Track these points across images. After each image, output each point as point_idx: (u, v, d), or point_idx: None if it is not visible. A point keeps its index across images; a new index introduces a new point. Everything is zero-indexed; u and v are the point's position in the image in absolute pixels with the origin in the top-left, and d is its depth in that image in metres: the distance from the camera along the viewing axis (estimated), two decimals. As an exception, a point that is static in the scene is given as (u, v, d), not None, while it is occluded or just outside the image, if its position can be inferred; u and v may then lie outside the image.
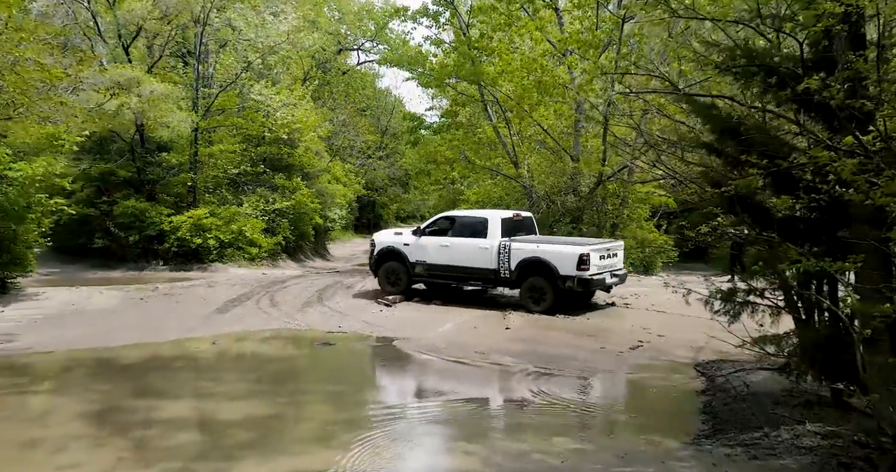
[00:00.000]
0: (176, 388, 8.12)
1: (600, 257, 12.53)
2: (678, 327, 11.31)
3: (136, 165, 22.11)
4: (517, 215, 14.50)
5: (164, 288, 15.47)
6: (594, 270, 12.25)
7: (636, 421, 7.19)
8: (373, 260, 14.87)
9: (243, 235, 21.72)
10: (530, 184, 20.51)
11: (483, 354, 9.54)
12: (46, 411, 7.22)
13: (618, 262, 13.42)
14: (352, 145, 43.53)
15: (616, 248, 13.51)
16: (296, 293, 15.20)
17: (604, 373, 8.92)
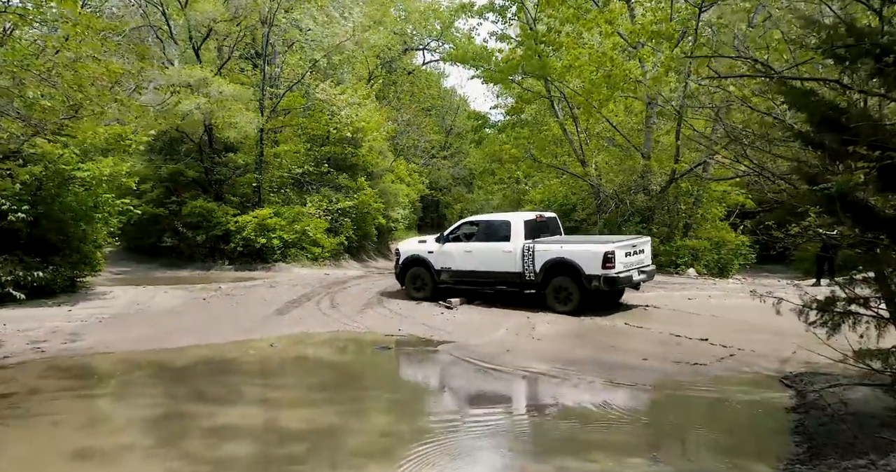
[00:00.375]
0: (230, 393, 7.87)
1: (626, 254, 12.21)
2: (749, 334, 10.43)
3: (204, 165, 22.43)
4: (540, 216, 14.21)
5: (226, 288, 15.48)
6: (620, 268, 11.94)
7: (717, 441, 6.49)
8: (398, 269, 14.76)
9: (306, 235, 21.73)
10: (598, 183, 19.73)
11: (545, 361, 8.96)
12: (98, 417, 7.07)
13: (645, 258, 13.01)
14: (416, 145, 43.42)
15: (642, 244, 13.06)
16: (356, 294, 14.95)
17: (676, 384, 8.19)
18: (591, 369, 8.59)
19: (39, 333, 10.60)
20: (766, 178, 8.37)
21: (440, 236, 14.38)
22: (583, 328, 11.13)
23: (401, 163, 32.10)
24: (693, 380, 8.25)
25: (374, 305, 13.71)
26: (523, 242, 12.92)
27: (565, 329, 11.10)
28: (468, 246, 13.78)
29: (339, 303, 13.87)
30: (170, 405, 7.27)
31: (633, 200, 18.79)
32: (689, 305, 13.26)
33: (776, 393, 7.87)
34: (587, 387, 7.93)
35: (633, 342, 10.06)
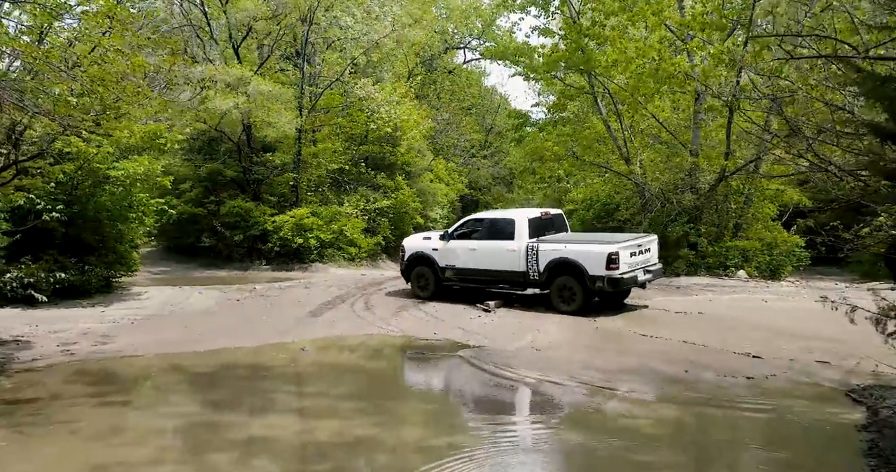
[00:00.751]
0: (257, 402, 7.53)
1: (631, 254, 11.98)
2: (807, 342, 9.67)
3: (242, 165, 22.36)
4: (546, 214, 13.97)
5: (261, 289, 15.26)
6: (624, 268, 11.72)
7: (782, 462, 5.88)
8: (403, 266, 14.51)
9: (343, 235, 21.47)
10: (643, 181, 18.97)
11: (588, 370, 8.40)
12: (120, 426, 6.78)
13: (651, 257, 12.75)
14: (455, 144, 43.04)
15: (648, 243, 12.79)
16: (392, 296, 14.56)
17: (730, 399, 7.52)
18: (636, 380, 8.01)
19: (71, 334, 10.47)
20: (833, 174, 7.66)
21: (445, 232, 14.19)
22: (624, 335, 10.51)
23: (440, 162, 31.70)
24: (748, 394, 7.60)
25: (410, 307, 13.30)
26: (527, 240, 12.72)
27: (606, 336, 10.50)
28: (473, 244, 13.52)
29: (374, 305, 13.51)
30: (194, 414, 6.96)
31: (681, 200, 17.97)
32: (741, 309, 12.51)
33: (843, 409, 7.19)
34: (636, 400, 7.36)
35: (681, 351, 9.42)
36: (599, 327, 11.01)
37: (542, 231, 13.23)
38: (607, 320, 11.44)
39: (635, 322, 11.26)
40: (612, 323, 11.28)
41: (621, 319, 11.67)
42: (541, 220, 13.48)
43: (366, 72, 25.53)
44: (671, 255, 17.87)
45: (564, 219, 14.52)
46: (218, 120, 19.70)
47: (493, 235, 13.41)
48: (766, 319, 11.43)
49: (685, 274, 17.57)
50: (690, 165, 18.43)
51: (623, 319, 11.65)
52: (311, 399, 7.65)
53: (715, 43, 15.87)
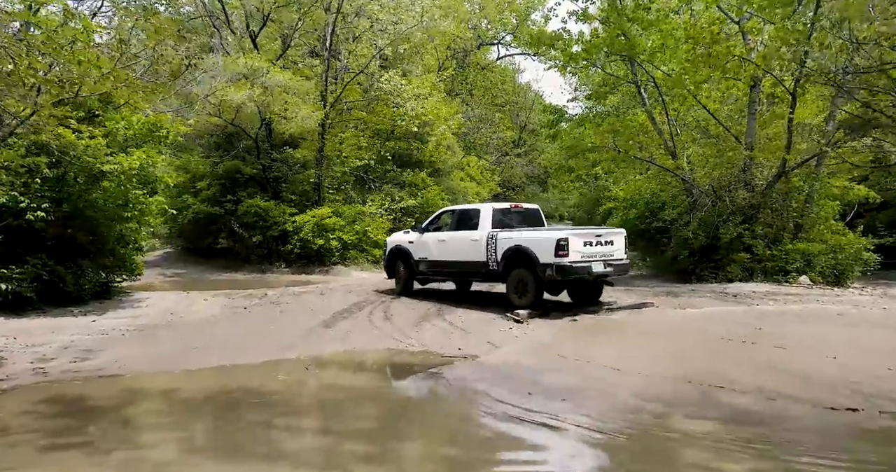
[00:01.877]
0: (240, 442, 6.19)
1: (585, 243, 11.62)
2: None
3: (261, 162, 21.24)
4: (515, 206, 13.78)
5: (273, 295, 14.03)
6: (575, 257, 11.38)
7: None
8: (385, 261, 14.95)
9: (367, 236, 20.20)
10: (691, 177, 17.30)
11: (651, 401, 6.88)
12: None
13: (614, 251, 12.14)
14: (488, 142, 41.80)
15: (611, 235, 12.29)
16: (414, 303, 13.23)
17: (841, 441, 5.90)
18: (710, 415, 6.47)
19: (50, 348, 9.32)
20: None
21: (419, 225, 14.42)
22: (686, 349, 8.96)
23: (471, 159, 30.29)
24: (862, 435, 5.98)
25: (433, 316, 11.94)
26: (489, 230, 12.50)
27: (663, 351, 8.96)
28: (443, 235, 13.56)
29: (394, 314, 12.18)
30: (161, 465, 5.64)
31: (734, 197, 16.28)
32: (817, 322, 10.82)
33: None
34: (721, 449, 5.79)
35: (759, 375, 7.82)
36: (654, 342, 9.49)
37: (510, 224, 13.00)
38: (665, 333, 9.91)
39: (699, 339, 9.70)
40: (668, 335, 9.74)
41: (667, 330, 10.11)
42: (509, 212, 13.36)
43: (393, 64, 24.24)
44: (723, 259, 16.22)
45: (540, 214, 13.96)
46: (233, 114, 18.59)
47: (461, 226, 13.26)
48: (854, 339, 9.75)
49: (739, 279, 15.89)
50: (745, 160, 16.75)
51: (688, 334, 10.09)
52: (302, 439, 6.29)
53: (776, 22, 14.19)
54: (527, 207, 13.95)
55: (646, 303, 12.59)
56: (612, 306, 12.46)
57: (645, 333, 10.23)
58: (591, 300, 12.70)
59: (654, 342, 9.60)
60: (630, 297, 13.77)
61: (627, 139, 17.35)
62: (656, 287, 15.92)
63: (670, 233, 17.44)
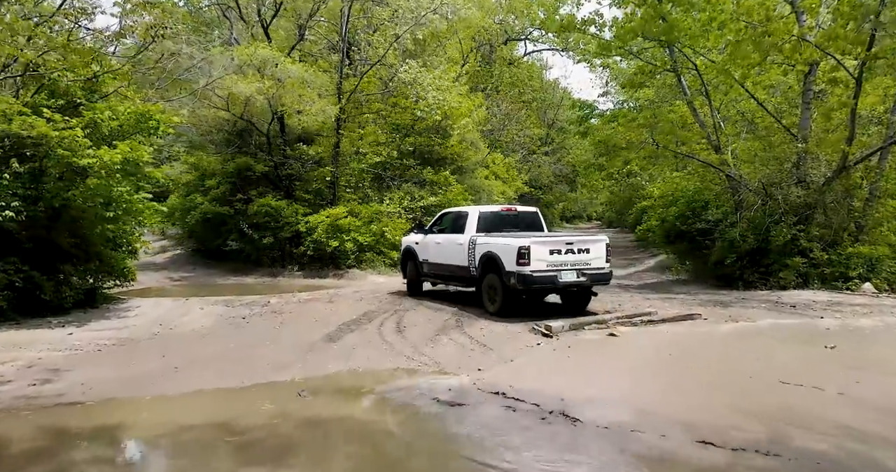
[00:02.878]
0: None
1: (551, 251, 11.02)
2: None
3: (273, 159, 20.09)
4: (508, 209, 13.50)
5: (276, 303, 12.80)
6: (539, 265, 10.86)
7: None
8: (400, 262, 15.04)
9: (385, 237, 18.92)
10: (737, 173, 15.71)
11: (700, 452, 5.46)
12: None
13: (591, 259, 11.37)
14: (514, 139, 40.45)
15: (586, 243, 11.49)
16: (431, 313, 11.91)
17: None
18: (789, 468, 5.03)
19: (11, 368, 8.17)
20: None
21: (424, 226, 14.29)
22: (744, 374, 7.49)
23: (496, 156, 28.88)
24: None
25: (451, 329, 10.62)
26: (472, 234, 12.15)
27: (720, 378, 7.51)
28: (439, 238, 13.29)
29: (408, 325, 10.87)
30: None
31: (787, 196, 14.68)
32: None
33: None
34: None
35: (839, 410, 6.33)
36: (708, 366, 8.04)
37: (500, 228, 12.55)
38: (705, 354, 8.47)
39: (759, 362, 8.22)
40: (732, 358, 8.28)
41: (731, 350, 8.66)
42: (499, 215, 12.98)
43: (414, 57, 22.94)
44: (774, 263, 14.64)
45: (539, 218, 13.36)
46: (242, 107, 17.45)
47: (455, 228, 12.97)
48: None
49: (793, 287, 14.31)
50: (798, 154, 15.13)
51: (748, 355, 8.63)
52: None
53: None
54: (522, 211, 13.62)
55: (692, 314, 11.12)
56: (653, 317, 11.02)
57: (695, 353, 8.78)
58: (578, 309, 11.86)
59: (707, 366, 8.15)
60: (672, 306, 12.30)
61: (666, 133, 15.75)
62: (699, 294, 14.40)
63: (713, 234, 15.87)
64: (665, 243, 17.76)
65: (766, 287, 14.50)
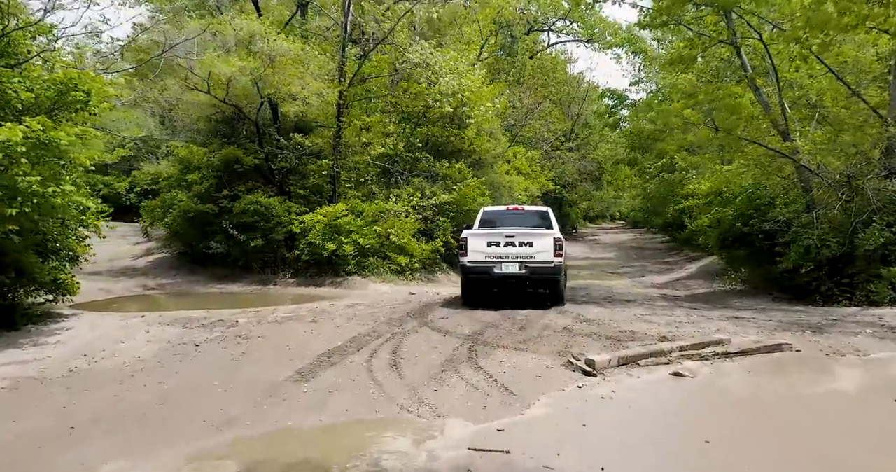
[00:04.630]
0: None
1: (489, 243, 11.83)
2: None
3: (265, 150, 17.66)
4: (515, 208, 14.18)
5: (245, 324, 10.29)
6: (476, 257, 11.83)
7: None
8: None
9: (390, 239, 16.43)
10: (814, 164, 12.97)
11: None
12: None
13: (535, 253, 11.77)
14: (537, 135, 37.92)
15: (528, 236, 11.86)
16: (439, 337, 9.39)
17: None
18: None
19: None
20: None
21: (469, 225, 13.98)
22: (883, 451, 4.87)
23: (518, 149, 26.26)
24: None
25: (462, 361, 8.11)
26: (471, 231, 12.49)
27: (848, 451, 4.90)
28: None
29: (406, 356, 8.37)
30: None
31: (882, 189, 11.94)
32: None
33: None
34: None
35: None
36: (829, 432, 5.41)
37: (503, 225, 12.78)
38: (815, 409, 5.83)
39: None
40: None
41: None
42: (504, 213, 13.66)
43: (425, 35, 20.44)
44: (862, 273, 11.92)
45: (549, 217, 13.38)
46: (225, 90, 15.05)
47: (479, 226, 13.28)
48: None
49: (888, 302, 11.56)
50: (889, 140, 12.39)
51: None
52: None
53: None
54: (530, 209, 14.08)
55: (780, 345, 8.45)
56: (727, 346, 8.40)
57: (801, 409, 6.16)
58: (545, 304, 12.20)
59: (828, 432, 5.52)
60: (745, 330, 9.65)
61: (730, 113, 12.86)
62: (770, 311, 11.73)
63: (781, 238, 13.17)
64: (720, 247, 15.03)
65: (852, 303, 11.78)
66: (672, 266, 24.67)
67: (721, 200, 15.30)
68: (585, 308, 12.23)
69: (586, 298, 14.31)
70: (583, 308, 12.23)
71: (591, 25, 52.12)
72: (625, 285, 18.51)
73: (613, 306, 12.65)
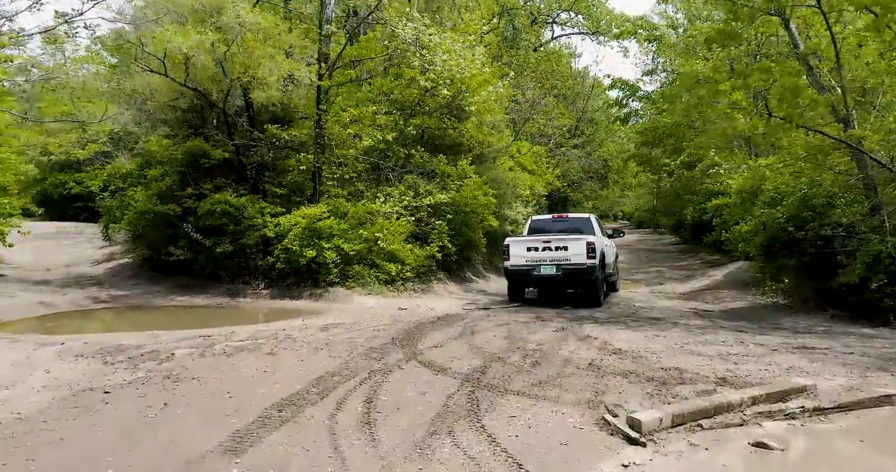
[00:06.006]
0: None
1: (528, 248, 13.09)
2: None
3: (235, 141, 15.48)
4: (559, 216, 15.38)
5: (181, 357, 8.09)
6: (518, 261, 13.17)
7: None
8: None
9: (378, 245, 14.27)
10: (885, 156, 10.78)
11: None
12: None
13: (570, 256, 12.91)
14: (541, 131, 35.84)
15: (565, 241, 13.01)
16: (428, 378, 7.21)
17: None
18: None
19: None
20: None
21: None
22: None
23: (523, 144, 24.07)
24: None
25: (459, 417, 5.97)
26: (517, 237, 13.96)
27: None
28: None
29: (385, 408, 6.21)
30: None
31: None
32: None
33: None
34: None
35: None
36: None
37: (547, 232, 14.09)
38: None
39: None
40: None
41: None
42: (550, 221, 15.04)
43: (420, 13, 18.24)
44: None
45: (591, 224, 14.52)
46: (184, 71, 12.87)
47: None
48: None
49: None
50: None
51: None
52: None
53: None
54: (573, 217, 15.14)
55: (890, 397, 6.27)
56: (815, 397, 6.23)
57: None
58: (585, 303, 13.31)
59: None
60: (827, 367, 7.44)
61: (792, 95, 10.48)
62: (838, 335, 9.57)
63: (842, 244, 11.01)
64: (764, 256, 12.83)
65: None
66: (692, 272, 22.50)
67: (765, 201, 13.09)
68: (610, 331, 10.08)
69: (607, 314, 12.17)
70: (607, 330, 10.08)
71: (596, 17, 50.08)
72: (645, 296, 16.36)
73: (642, 328, 10.49)
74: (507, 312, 12.46)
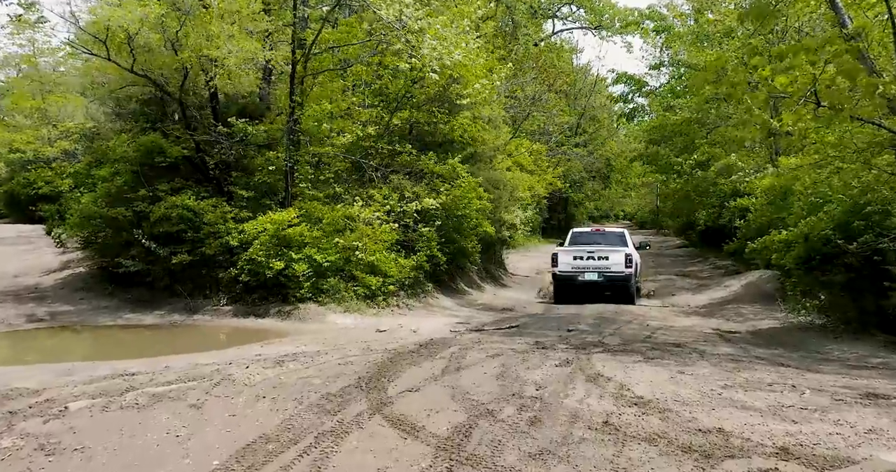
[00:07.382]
0: None
1: (574, 257, 15.61)
2: None
3: (195, 137, 13.71)
4: (597, 229, 18.82)
5: (75, 413, 6.25)
6: (565, 268, 15.65)
7: None
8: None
9: (356, 255, 12.51)
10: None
11: None
12: None
13: (611, 265, 15.43)
14: (541, 129, 34.16)
15: (605, 252, 15.57)
16: (392, 445, 5.41)
17: None
18: None
19: None
20: None
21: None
22: None
23: (521, 141, 22.28)
24: None
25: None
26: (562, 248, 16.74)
27: None
28: None
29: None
30: None
31: None
32: None
33: None
34: None
35: None
36: None
37: (587, 243, 16.66)
38: None
39: None
40: None
41: None
42: (589, 234, 17.72)
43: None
44: None
45: (625, 236, 17.03)
46: (129, 55, 11.09)
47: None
48: None
49: None
50: None
51: None
52: None
53: None
54: (609, 231, 18.05)
55: None
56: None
57: None
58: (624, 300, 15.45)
59: None
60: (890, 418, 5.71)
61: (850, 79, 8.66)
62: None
63: (893, 258, 9.25)
64: (803, 270, 11.04)
65: None
66: (704, 281, 20.76)
67: (802, 207, 11.32)
68: (625, 366, 8.28)
69: (618, 339, 10.38)
70: (622, 366, 8.29)
71: (599, 11, 48.42)
72: (659, 312, 14.63)
73: (663, 361, 8.70)
74: (501, 335, 10.71)
